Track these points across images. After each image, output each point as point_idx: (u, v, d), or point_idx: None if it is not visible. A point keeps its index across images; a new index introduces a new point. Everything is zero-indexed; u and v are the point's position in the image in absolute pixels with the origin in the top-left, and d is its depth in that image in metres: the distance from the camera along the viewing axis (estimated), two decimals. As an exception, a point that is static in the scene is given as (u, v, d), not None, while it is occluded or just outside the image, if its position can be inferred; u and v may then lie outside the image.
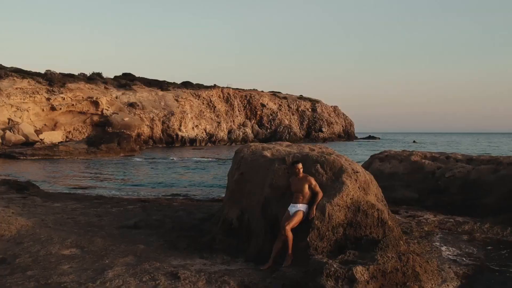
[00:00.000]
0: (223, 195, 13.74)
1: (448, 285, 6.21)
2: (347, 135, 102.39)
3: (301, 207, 5.30)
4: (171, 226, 7.41)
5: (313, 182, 5.40)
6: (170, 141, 62.89)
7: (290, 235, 5.15)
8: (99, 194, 12.21)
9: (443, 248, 7.88)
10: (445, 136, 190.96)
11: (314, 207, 5.28)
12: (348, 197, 5.31)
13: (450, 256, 7.49)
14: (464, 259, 7.39)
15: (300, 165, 5.51)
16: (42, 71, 59.65)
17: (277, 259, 5.22)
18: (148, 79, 75.26)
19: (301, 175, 5.48)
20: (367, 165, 13.73)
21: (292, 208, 5.35)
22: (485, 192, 10.42)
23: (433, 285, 6.00)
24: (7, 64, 63.53)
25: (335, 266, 4.46)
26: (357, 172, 5.52)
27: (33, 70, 61.16)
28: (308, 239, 5.07)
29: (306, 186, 5.36)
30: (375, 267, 4.58)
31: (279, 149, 6.45)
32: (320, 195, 5.37)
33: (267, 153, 6.24)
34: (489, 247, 8.10)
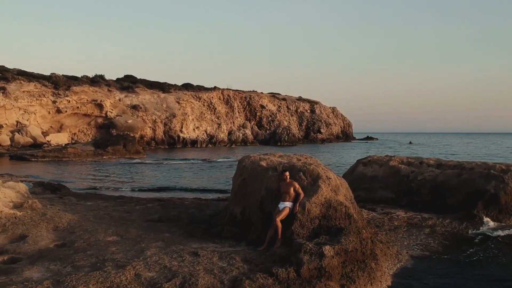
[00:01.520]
0: (223, 195, 15.67)
1: (402, 264, 8.11)
2: (345, 135, 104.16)
3: (288, 204, 7.16)
4: (187, 220, 9.27)
5: (297, 185, 7.27)
6: (172, 142, 64.67)
7: (279, 224, 7.01)
8: (120, 195, 14.07)
9: (406, 238, 9.76)
10: (445, 136, 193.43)
11: (298, 204, 7.14)
12: (322, 197, 7.16)
13: (410, 244, 9.37)
14: (421, 246, 9.27)
15: (287, 173, 7.40)
16: (44, 72, 61.41)
17: (270, 242, 7.07)
18: (150, 81, 76.96)
19: (288, 180, 7.35)
20: (352, 169, 15.60)
21: (281, 205, 7.21)
22: (450, 193, 12.27)
23: (390, 264, 7.90)
24: (10, 65, 65.28)
25: (310, 245, 6.30)
26: (330, 178, 7.37)
27: (35, 72, 62.99)
28: (292, 227, 6.92)
29: (292, 189, 7.22)
30: (339, 247, 6.43)
31: (272, 159, 8.31)
32: (302, 195, 7.22)
33: (263, 163, 8.11)
34: (444, 238, 9.98)
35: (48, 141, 50.21)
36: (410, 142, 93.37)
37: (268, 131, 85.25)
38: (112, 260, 6.44)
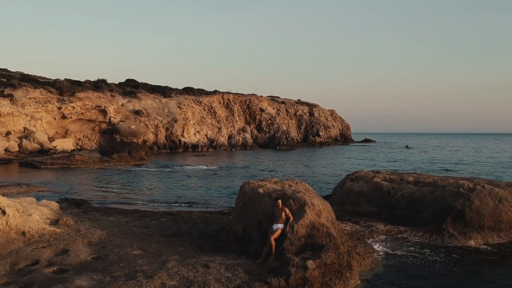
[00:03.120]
0: (223, 207, 17.45)
1: (374, 273, 9.85)
2: (344, 138, 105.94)
3: (280, 226, 8.93)
4: (197, 235, 11.04)
5: (287, 211, 9.05)
6: (174, 146, 66.36)
7: (273, 242, 8.78)
8: (135, 209, 15.85)
9: (382, 249, 11.51)
10: (443, 137, 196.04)
11: (288, 226, 8.91)
12: (308, 220, 8.93)
13: (384, 254, 11.11)
14: (394, 256, 11.01)
15: (279, 201, 9.20)
16: (46, 75, 63.40)
17: (266, 256, 8.83)
18: (151, 85, 78.79)
19: (280, 206, 9.14)
20: (342, 184, 17.35)
21: (274, 226, 8.99)
22: (424, 208, 14.03)
23: (363, 273, 9.62)
24: (13, 68, 66.98)
25: (297, 260, 8.07)
26: (314, 204, 9.15)
27: (38, 75, 64.79)
28: (284, 245, 8.68)
29: (283, 213, 9.00)
30: (320, 261, 8.19)
31: (268, 186, 10.09)
32: (291, 219, 9.00)
33: (261, 190, 9.89)
34: (415, 248, 11.74)
35: (54, 146, 51.97)
36: (407, 146, 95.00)
37: (267, 134, 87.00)
38: (141, 271, 8.19)
